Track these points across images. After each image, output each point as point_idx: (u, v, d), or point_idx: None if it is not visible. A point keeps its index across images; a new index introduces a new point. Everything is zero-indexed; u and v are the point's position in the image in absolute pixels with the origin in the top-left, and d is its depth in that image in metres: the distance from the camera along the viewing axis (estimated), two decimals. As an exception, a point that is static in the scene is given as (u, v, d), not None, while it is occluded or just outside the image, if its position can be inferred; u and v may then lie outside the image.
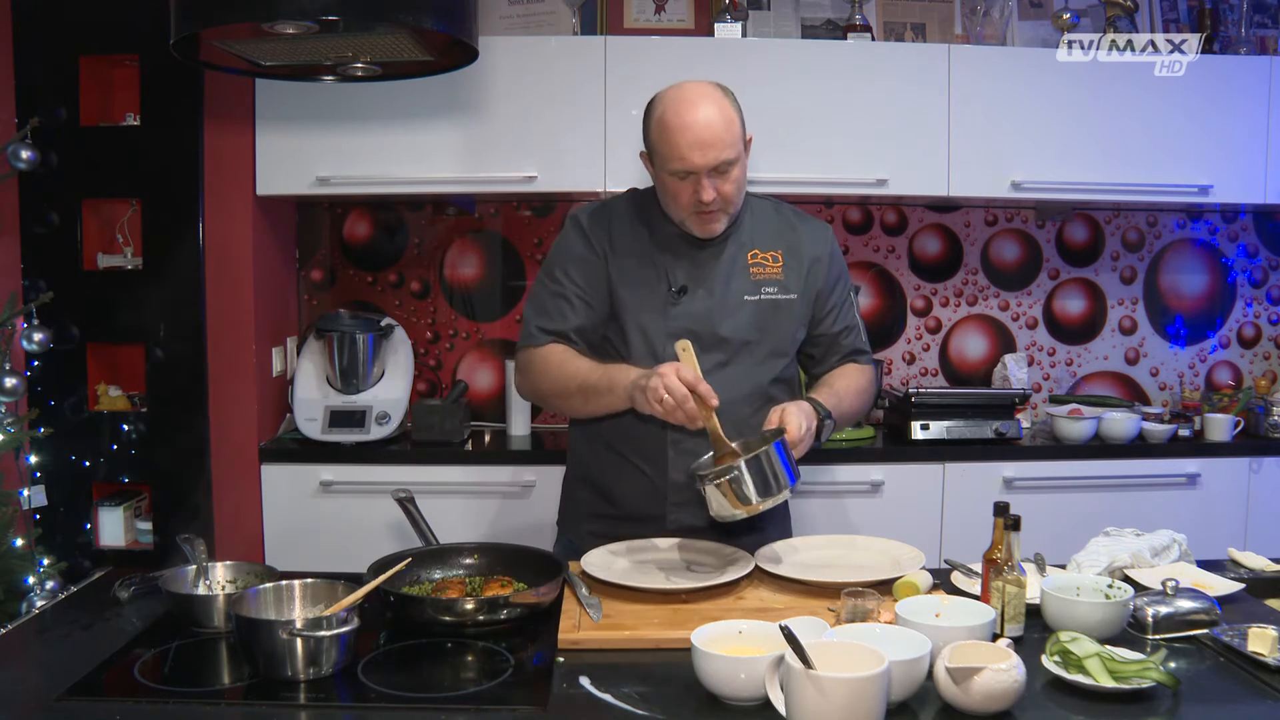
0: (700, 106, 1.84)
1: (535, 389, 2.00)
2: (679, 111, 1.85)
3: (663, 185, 1.92)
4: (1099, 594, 1.58)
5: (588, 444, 2.09)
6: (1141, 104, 3.09)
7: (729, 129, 1.85)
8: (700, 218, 1.90)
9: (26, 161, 2.72)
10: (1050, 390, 3.53)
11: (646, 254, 1.97)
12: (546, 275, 2.01)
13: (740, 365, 1.95)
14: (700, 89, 1.88)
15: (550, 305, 1.98)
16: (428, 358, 3.43)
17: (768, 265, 2.00)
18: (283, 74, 2.03)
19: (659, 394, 1.70)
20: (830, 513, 2.94)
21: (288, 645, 1.39)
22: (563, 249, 2.01)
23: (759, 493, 1.68)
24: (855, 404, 2.05)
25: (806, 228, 2.06)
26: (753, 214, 2.03)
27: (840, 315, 2.08)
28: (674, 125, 1.84)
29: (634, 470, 2.00)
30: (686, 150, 1.83)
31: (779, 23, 3.32)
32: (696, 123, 1.83)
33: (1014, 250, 3.52)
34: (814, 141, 3.04)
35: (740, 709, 1.33)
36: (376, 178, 3.01)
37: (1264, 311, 3.59)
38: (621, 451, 2.01)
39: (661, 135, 1.87)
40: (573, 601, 1.67)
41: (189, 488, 2.94)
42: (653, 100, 1.93)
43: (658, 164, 1.91)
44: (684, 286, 1.95)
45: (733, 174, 1.87)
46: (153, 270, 2.92)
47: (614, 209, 2.03)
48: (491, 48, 2.88)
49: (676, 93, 1.89)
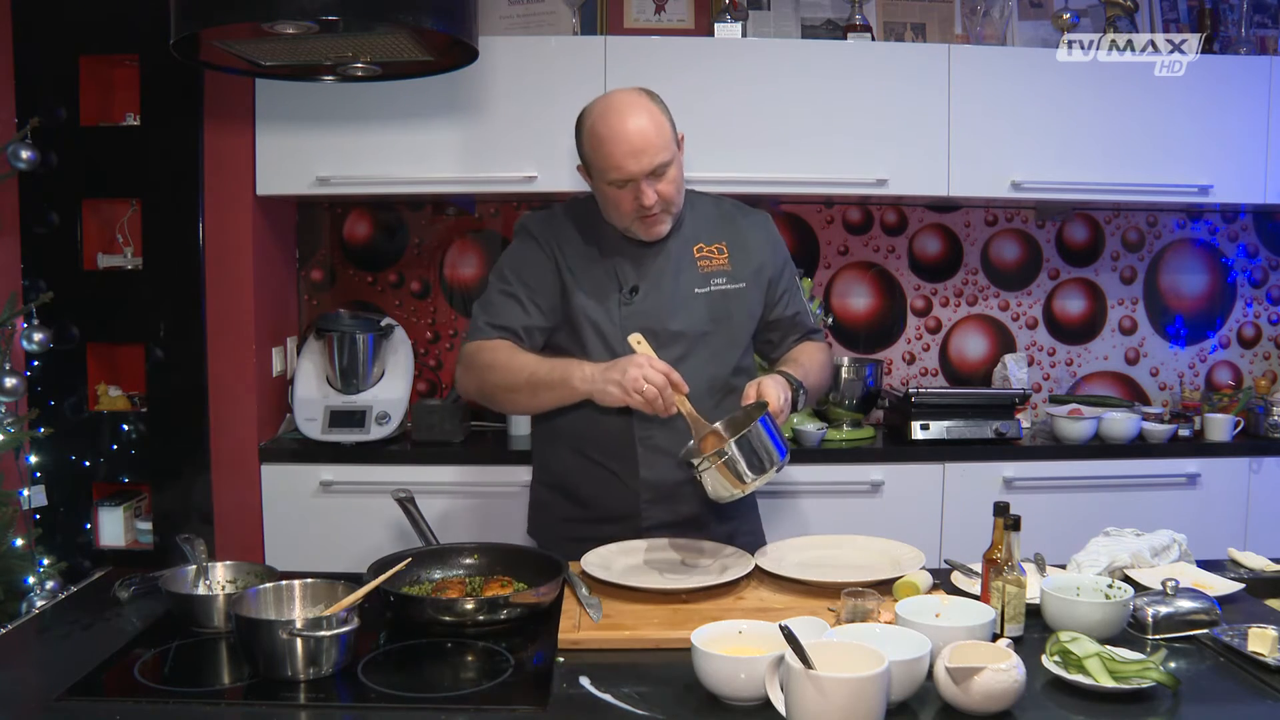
0: (629, 115, 1.87)
1: (480, 382, 1.99)
2: (609, 122, 1.88)
3: (603, 195, 1.95)
4: (1099, 594, 1.58)
5: (551, 448, 2.11)
6: (1141, 104, 3.09)
7: (660, 133, 1.88)
8: (644, 222, 1.93)
9: (26, 161, 2.72)
10: (1050, 390, 3.53)
11: (595, 257, 2.01)
12: (496, 277, 2.04)
13: (698, 357, 1.98)
14: (626, 97, 1.92)
15: (499, 303, 2.00)
16: (428, 358, 3.43)
17: (714, 257, 2.03)
18: (283, 74, 2.03)
19: (639, 384, 1.73)
20: (830, 513, 2.94)
21: (288, 645, 1.39)
22: (513, 253, 2.05)
23: (752, 470, 1.69)
24: (819, 378, 2.10)
25: (747, 219, 2.11)
26: (693, 209, 2.07)
27: (791, 299, 2.13)
28: (606, 136, 1.87)
29: (602, 471, 2.02)
30: (621, 159, 1.86)
31: (779, 23, 3.32)
32: (628, 131, 1.86)
33: (1014, 250, 3.52)
34: (814, 141, 3.04)
35: (740, 709, 1.33)
36: (376, 178, 3.01)
37: (1264, 311, 3.59)
38: (588, 454, 2.03)
39: (595, 148, 1.90)
40: (573, 601, 1.67)
41: (189, 488, 2.94)
42: (581, 114, 1.96)
43: (595, 176, 1.94)
44: (635, 286, 1.99)
45: (669, 174, 1.90)
46: (153, 270, 2.92)
47: (560, 216, 2.07)
48: (491, 48, 2.88)
49: (604, 104, 1.93)
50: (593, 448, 2.03)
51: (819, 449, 3.06)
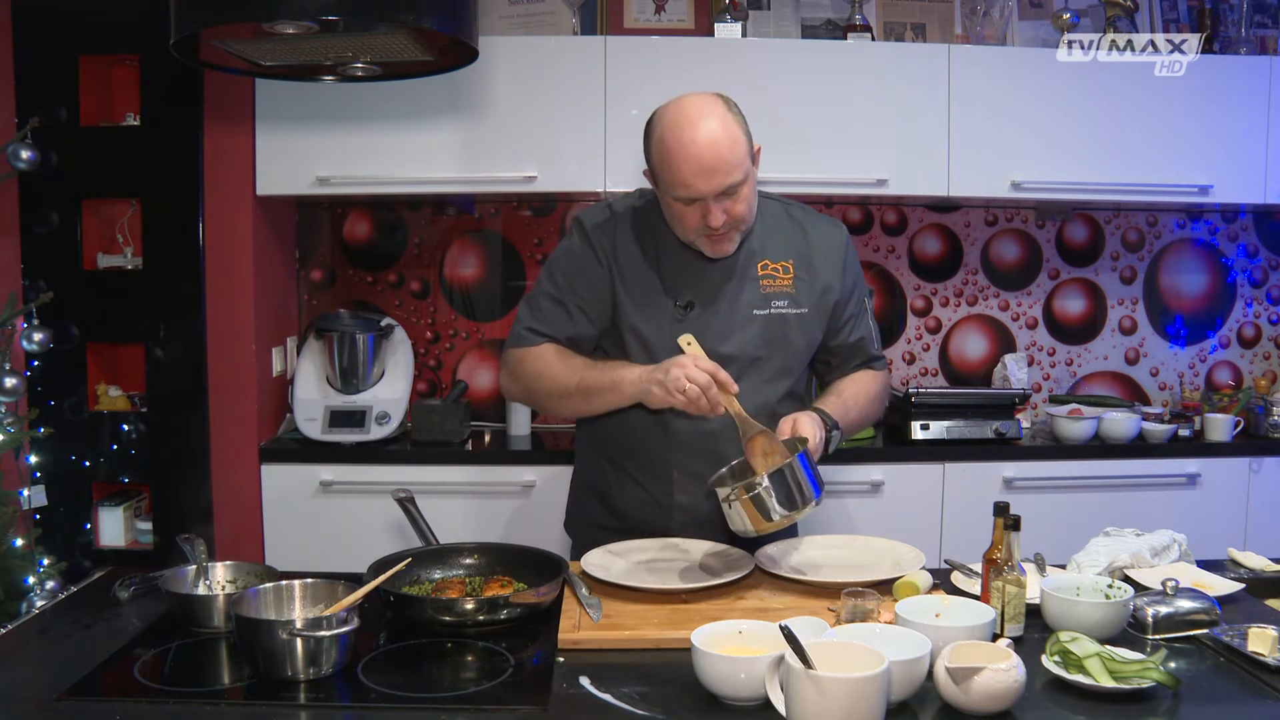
0: (702, 126, 1.73)
1: (528, 389, 1.95)
2: (679, 134, 1.74)
3: (668, 208, 1.83)
4: (1099, 594, 1.58)
5: (592, 454, 2.06)
6: (1141, 104, 3.09)
7: (734, 149, 1.74)
8: (710, 240, 1.82)
9: (26, 161, 2.72)
10: (1050, 390, 3.53)
11: (652, 267, 1.90)
12: (548, 278, 1.94)
13: (747, 383, 1.84)
14: (701, 105, 1.77)
15: (547, 309, 1.92)
16: (428, 358, 3.43)
17: (778, 277, 1.91)
18: (283, 74, 2.02)
19: (681, 384, 1.66)
20: (830, 513, 2.93)
21: (288, 645, 1.39)
22: (568, 255, 1.94)
23: (784, 506, 1.64)
24: (865, 411, 2.00)
25: (818, 232, 1.97)
26: (762, 219, 1.92)
27: (857, 325, 2.01)
28: (675, 149, 1.73)
29: (638, 488, 1.98)
30: (690, 178, 1.73)
31: (779, 23, 3.32)
32: (698, 145, 1.72)
33: (1014, 250, 3.52)
34: (814, 141, 3.04)
35: (740, 709, 1.33)
36: (376, 178, 3.01)
37: (1264, 311, 3.59)
38: (625, 467, 1.98)
39: (663, 160, 1.76)
40: (573, 601, 1.67)
41: (189, 488, 2.94)
42: (652, 117, 1.82)
43: (662, 188, 1.81)
44: (690, 302, 1.89)
45: (742, 194, 1.78)
46: (153, 270, 2.92)
47: (620, 217, 1.94)
48: (491, 48, 2.88)
49: (677, 111, 1.77)
50: (630, 463, 1.97)
51: (820, 450, 3.05)
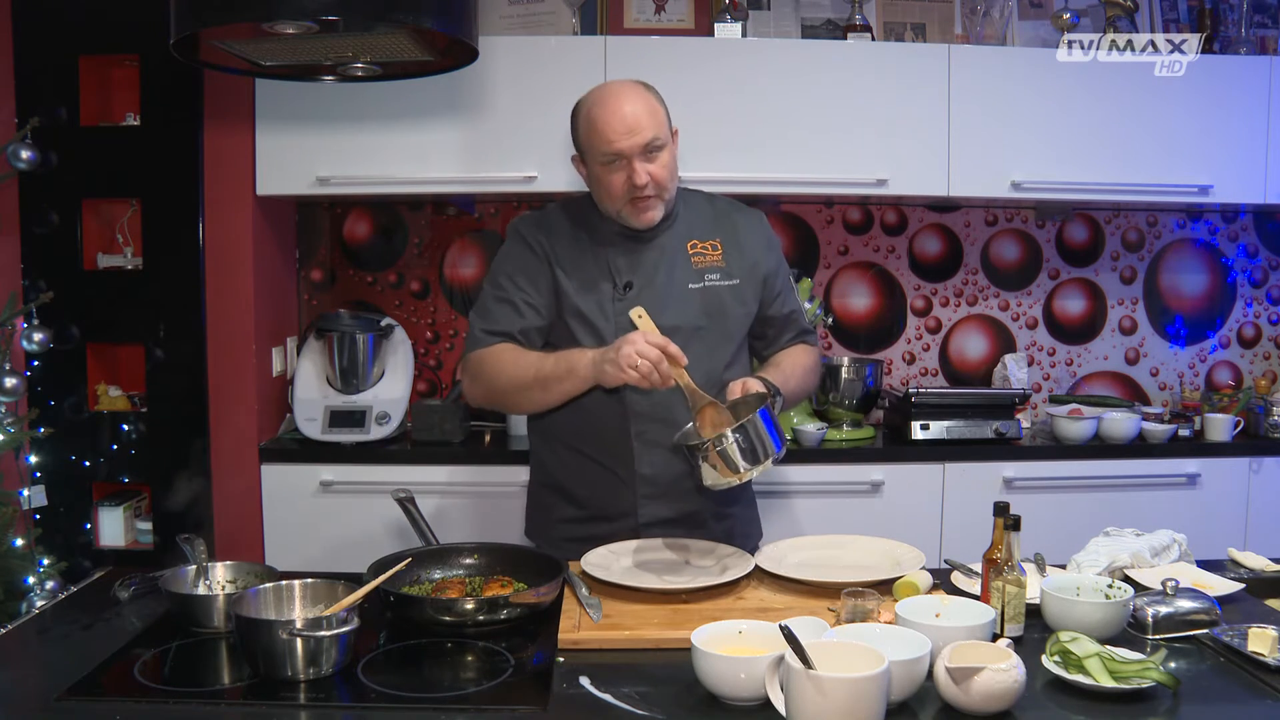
0: (624, 97, 1.93)
1: (488, 388, 2.01)
2: (604, 103, 1.94)
3: (596, 179, 1.98)
4: (1099, 594, 1.58)
5: (548, 447, 2.11)
6: (1141, 104, 3.09)
7: (653, 114, 1.93)
8: (635, 205, 1.95)
9: (26, 161, 2.72)
10: (1050, 390, 3.53)
11: (589, 254, 2.02)
12: (490, 283, 2.06)
13: (691, 352, 1.93)
14: (621, 83, 1.98)
15: (495, 310, 2.02)
16: (428, 358, 3.43)
17: (708, 253, 2.05)
18: (283, 74, 2.03)
19: (632, 359, 1.74)
20: (830, 513, 2.93)
21: (288, 645, 1.39)
22: (506, 257, 2.07)
23: (747, 460, 1.70)
24: (803, 382, 2.12)
25: (741, 216, 2.12)
26: (687, 205, 2.08)
27: (786, 298, 2.15)
28: (599, 115, 1.92)
29: (598, 468, 2.03)
30: (614, 135, 1.90)
31: (779, 23, 3.32)
32: (622, 109, 1.91)
33: (1014, 250, 3.52)
34: (814, 141, 3.04)
35: (740, 709, 1.33)
36: (376, 178, 3.01)
37: (1264, 311, 3.59)
38: (583, 450, 2.04)
39: (590, 128, 1.94)
40: (573, 601, 1.67)
41: (189, 488, 2.94)
42: (578, 103, 2.01)
43: (589, 159, 1.97)
44: (629, 282, 2.00)
45: (662, 158, 1.93)
46: (153, 270, 2.92)
47: (553, 215, 2.09)
48: (491, 48, 2.88)
49: (599, 89, 1.99)
50: (588, 444, 2.03)
51: (819, 449, 3.06)
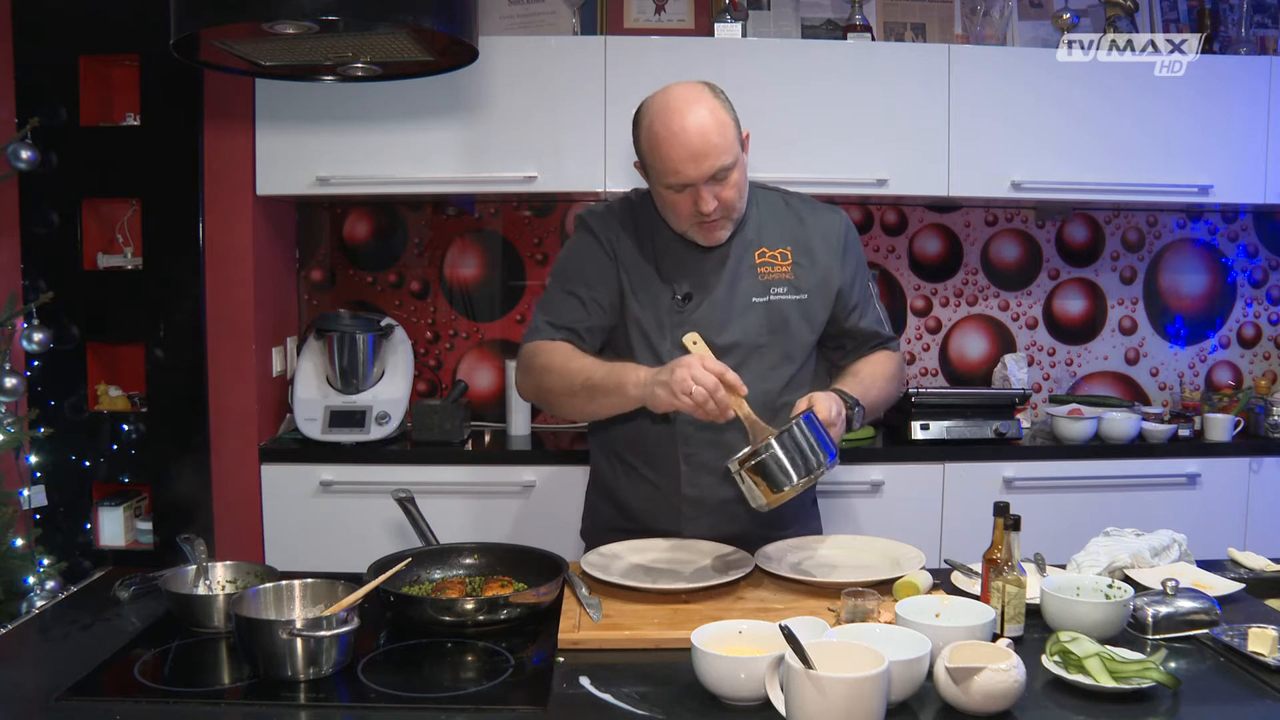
0: (690, 113, 1.75)
1: (537, 386, 1.91)
2: (668, 121, 1.76)
3: (660, 198, 1.85)
4: (1099, 594, 1.58)
5: (603, 456, 2.05)
6: (1141, 104, 3.09)
7: (722, 133, 1.76)
8: (703, 228, 1.83)
9: (26, 161, 2.72)
10: (1050, 390, 3.53)
11: (650, 260, 1.91)
12: (558, 275, 1.95)
13: (750, 371, 1.83)
14: (688, 93, 1.79)
15: (561, 303, 1.91)
16: (428, 358, 3.43)
17: (776, 264, 1.91)
18: (283, 74, 2.02)
19: (687, 386, 1.62)
20: (830, 513, 2.92)
21: (288, 645, 1.39)
22: (573, 250, 1.96)
23: (797, 470, 1.61)
24: (884, 390, 1.98)
25: (817, 219, 1.97)
26: (759, 208, 1.94)
27: (865, 310, 2.01)
28: (664, 137, 1.76)
29: (646, 484, 1.97)
30: (680, 164, 1.75)
31: (779, 23, 3.32)
32: (688, 132, 1.74)
33: (1014, 250, 3.52)
34: (814, 141, 3.04)
35: (740, 709, 1.33)
36: (376, 178, 3.01)
37: (1264, 311, 3.59)
38: (633, 464, 1.98)
39: (653, 148, 1.78)
40: (573, 601, 1.67)
41: (189, 488, 2.94)
42: (640, 108, 1.85)
43: (652, 177, 1.84)
44: (689, 293, 1.89)
45: (732, 179, 1.79)
46: (153, 270, 2.92)
47: (618, 212, 1.96)
48: (491, 48, 2.88)
49: (664, 100, 1.80)
50: (638, 459, 1.97)
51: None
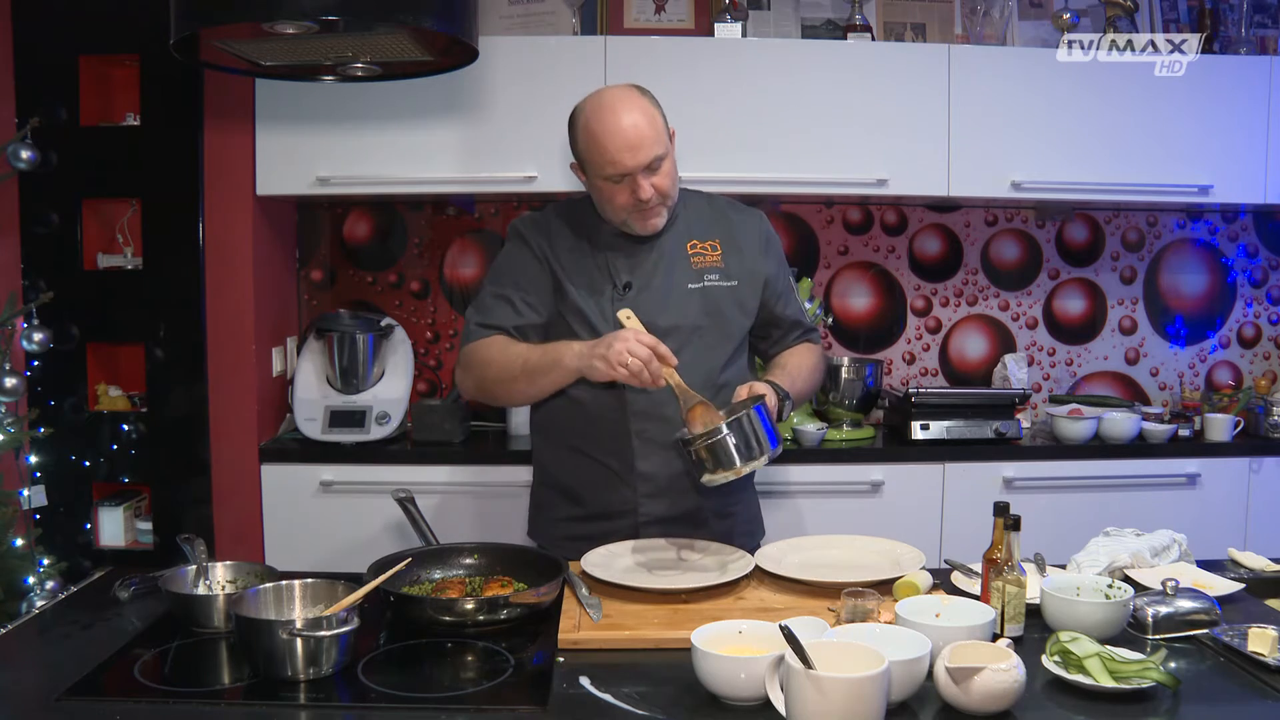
0: (622, 111, 1.91)
1: (479, 379, 2.02)
2: (602, 119, 1.91)
3: (598, 191, 1.97)
4: (1099, 594, 1.58)
5: (548, 446, 2.12)
6: (1141, 104, 3.09)
7: (653, 126, 1.91)
8: (641, 214, 1.96)
9: (26, 161, 2.72)
10: (1050, 390, 3.53)
11: (588, 254, 2.03)
12: (489, 281, 2.07)
13: (690, 352, 1.97)
14: (617, 93, 1.96)
15: (492, 305, 2.03)
16: (428, 358, 3.43)
17: (707, 254, 2.05)
18: (283, 74, 2.03)
19: (623, 357, 1.75)
20: (830, 513, 2.93)
21: (288, 645, 1.39)
22: (505, 256, 2.08)
23: (741, 456, 1.72)
24: (809, 381, 2.12)
25: (740, 217, 2.12)
26: (686, 206, 2.09)
27: (788, 300, 2.16)
28: (600, 132, 1.90)
29: (598, 466, 2.03)
30: (617, 154, 1.89)
31: (779, 23, 3.32)
32: (622, 126, 1.89)
33: (1014, 250, 3.52)
34: (814, 141, 3.04)
35: (740, 709, 1.33)
36: (376, 178, 3.01)
37: (1264, 311, 3.59)
38: (583, 449, 2.04)
39: (590, 144, 1.93)
40: (573, 601, 1.67)
41: (189, 488, 2.94)
42: (575, 111, 1.99)
43: (591, 171, 1.96)
44: (629, 282, 2.00)
45: (664, 168, 1.93)
46: (153, 270, 2.92)
47: (552, 216, 2.09)
48: (491, 48, 2.88)
49: (596, 101, 1.96)
50: (588, 443, 2.03)
51: (819, 449, 3.05)
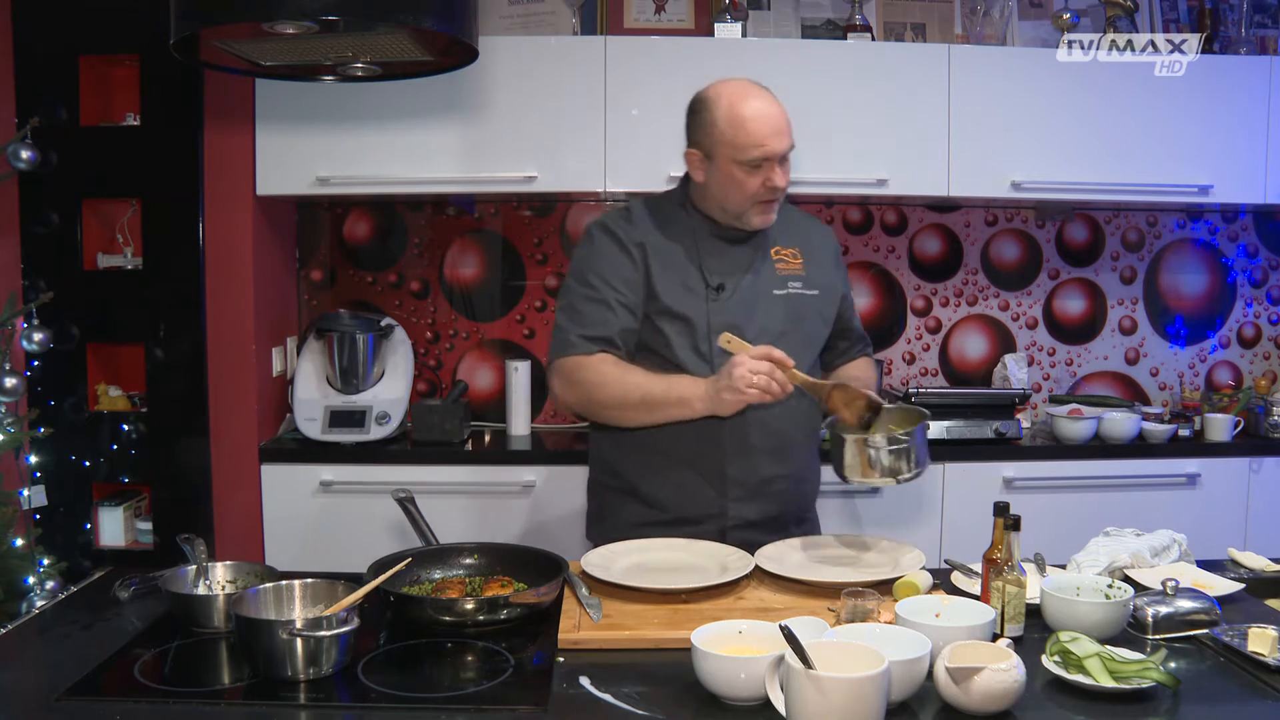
0: (766, 96, 1.95)
1: (586, 399, 1.98)
2: (751, 103, 1.93)
3: (728, 177, 1.95)
4: (1099, 594, 1.58)
5: (621, 453, 2.07)
6: (1141, 104, 3.09)
7: (788, 118, 1.95)
8: (764, 206, 1.96)
9: (26, 161, 2.72)
10: (1050, 390, 3.53)
11: (679, 254, 2.00)
12: (578, 282, 2.00)
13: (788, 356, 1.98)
14: (754, 84, 1.97)
15: (589, 311, 1.97)
16: (428, 358, 3.42)
17: (789, 261, 2.06)
18: (283, 74, 2.03)
19: (748, 379, 1.77)
20: (831, 513, 2.92)
21: (288, 645, 1.39)
22: (594, 254, 2.01)
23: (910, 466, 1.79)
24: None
25: (813, 227, 2.17)
26: None
27: (852, 312, 2.21)
28: (751, 115, 1.91)
29: (686, 471, 2.00)
30: (766, 137, 1.90)
31: (779, 23, 3.32)
32: (771, 111, 1.92)
33: (1014, 250, 3.52)
34: (814, 141, 3.02)
35: (740, 709, 1.33)
36: (376, 178, 3.01)
37: (1264, 311, 3.59)
38: (671, 455, 2.00)
39: (737, 125, 1.91)
40: (573, 601, 1.67)
41: (189, 488, 2.94)
42: (704, 97, 1.99)
43: (725, 155, 1.93)
44: (721, 283, 1.99)
45: (788, 163, 1.96)
46: (153, 270, 2.92)
47: (638, 213, 2.05)
48: (491, 48, 2.88)
49: (739, 87, 1.96)
50: (676, 448, 1.99)
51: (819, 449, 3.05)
